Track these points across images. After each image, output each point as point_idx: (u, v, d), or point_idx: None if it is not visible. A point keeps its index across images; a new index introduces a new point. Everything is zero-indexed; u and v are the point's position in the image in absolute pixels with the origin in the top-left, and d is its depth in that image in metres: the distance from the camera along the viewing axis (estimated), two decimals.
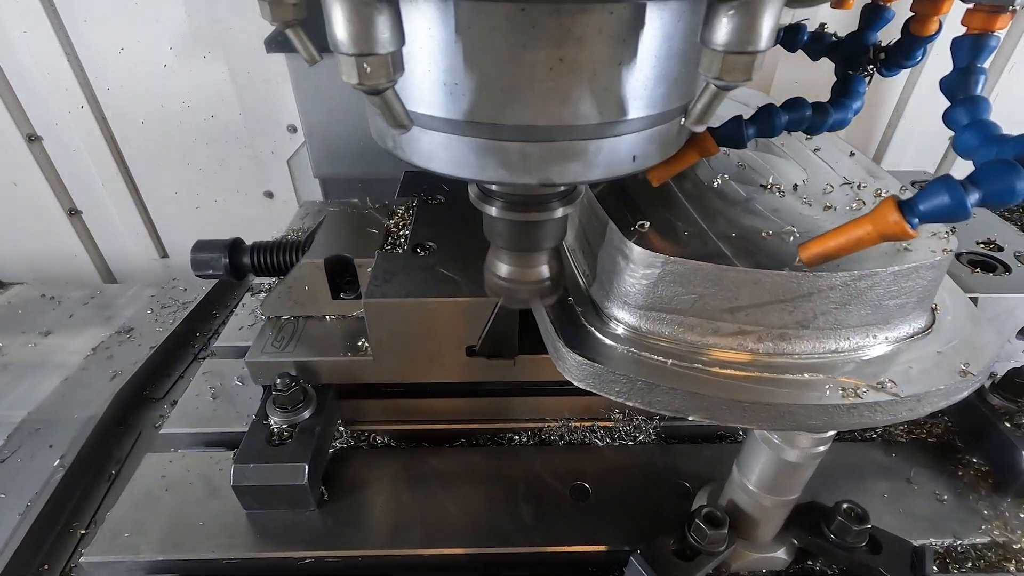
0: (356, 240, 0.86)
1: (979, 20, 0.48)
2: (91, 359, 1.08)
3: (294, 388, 0.76)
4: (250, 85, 1.17)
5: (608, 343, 0.56)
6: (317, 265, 0.82)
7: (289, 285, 0.84)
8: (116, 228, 1.42)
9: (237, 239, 0.89)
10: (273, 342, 0.83)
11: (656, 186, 0.61)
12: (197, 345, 1.15)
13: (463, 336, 0.76)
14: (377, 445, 0.88)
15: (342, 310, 0.87)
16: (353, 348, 0.81)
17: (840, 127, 0.62)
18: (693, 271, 0.52)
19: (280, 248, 0.88)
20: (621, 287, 0.57)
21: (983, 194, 0.39)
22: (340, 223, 0.92)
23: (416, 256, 0.81)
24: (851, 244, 0.46)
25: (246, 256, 0.87)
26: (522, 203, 0.64)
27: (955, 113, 0.48)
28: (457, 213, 0.92)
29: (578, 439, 0.87)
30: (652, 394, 0.51)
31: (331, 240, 0.86)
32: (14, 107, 1.22)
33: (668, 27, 0.41)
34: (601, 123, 0.44)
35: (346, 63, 0.36)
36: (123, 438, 0.95)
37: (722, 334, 0.53)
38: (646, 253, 0.53)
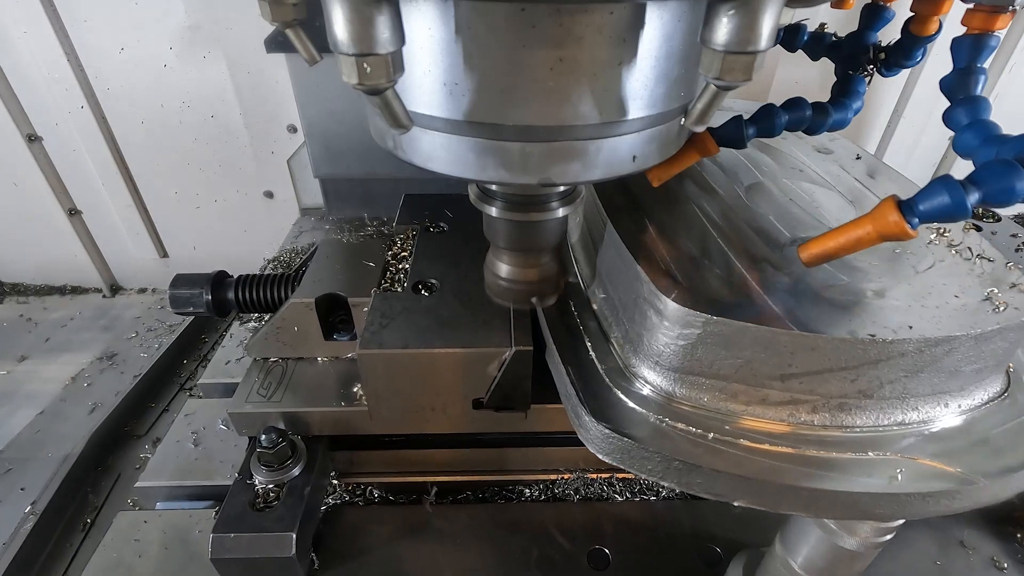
0: (351, 275, 0.79)
1: (979, 20, 0.48)
2: (69, 389, 1.00)
3: (281, 444, 0.69)
4: (250, 85, 1.17)
5: (637, 409, 0.50)
6: (307, 305, 0.75)
7: (277, 326, 0.77)
8: (116, 228, 1.42)
9: (220, 272, 0.82)
10: (259, 389, 0.75)
11: (656, 186, 0.61)
12: (184, 374, 1.07)
13: (469, 388, 0.70)
14: (374, 499, 0.80)
15: (335, 352, 0.80)
16: (347, 395, 0.74)
17: (840, 127, 0.62)
18: (740, 333, 0.45)
19: (268, 283, 0.81)
20: (653, 345, 0.50)
21: (983, 194, 0.39)
22: (334, 254, 0.85)
23: (416, 296, 0.74)
24: (851, 244, 0.45)
25: (230, 291, 0.80)
26: (522, 203, 0.64)
27: (955, 113, 0.48)
28: (461, 244, 0.85)
29: (595, 493, 0.79)
30: (691, 476, 0.45)
31: (323, 274, 0.79)
32: (14, 107, 1.22)
33: (668, 27, 0.41)
34: (601, 123, 0.44)
35: (346, 63, 0.36)
36: (101, 481, 0.87)
37: (771, 403, 0.47)
38: (684, 311, 0.46)
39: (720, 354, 0.46)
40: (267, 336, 0.78)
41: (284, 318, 0.76)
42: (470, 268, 0.78)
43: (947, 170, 1.42)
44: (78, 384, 1.02)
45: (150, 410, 0.99)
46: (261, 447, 0.69)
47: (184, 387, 1.05)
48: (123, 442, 0.94)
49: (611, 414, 0.49)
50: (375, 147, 0.54)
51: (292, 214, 1.33)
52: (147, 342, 1.12)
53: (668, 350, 0.49)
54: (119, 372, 1.04)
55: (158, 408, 0.99)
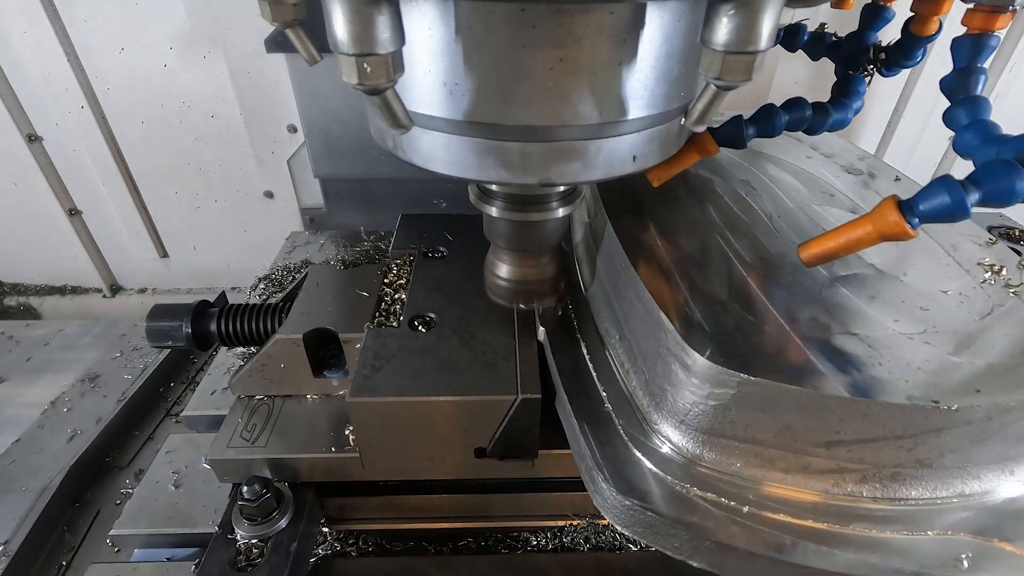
0: (343, 306, 0.73)
1: (979, 20, 0.48)
2: (49, 414, 0.93)
3: (265, 496, 0.63)
4: (250, 85, 1.17)
5: (659, 474, 0.44)
6: (295, 341, 0.69)
7: (262, 363, 0.71)
8: (116, 228, 1.41)
9: (202, 303, 0.75)
10: (242, 431, 0.69)
11: (656, 186, 0.61)
12: (170, 399, 1.00)
13: (470, 437, 0.64)
14: (368, 549, 0.73)
15: (326, 389, 0.74)
16: (339, 439, 0.68)
17: (840, 127, 0.62)
18: (780, 396, 0.40)
19: (253, 314, 0.75)
20: (678, 403, 0.45)
21: (983, 194, 0.39)
22: (325, 281, 0.78)
23: (413, 333, 0.68)
24: (851, 244, 0.45)
25: (213, 323, 0.74)
26: (522, 203, 0.64)
27: (955, 113, 0.48)
28: (461, 272, 0.79)
29: (607, 542, 0.72)
30: (725, 558, 0.40)
31: (313, 305, 0.74)
32: (14, 107, 1.22)
33: (668, 27, 0.41)
34: (601, 123, 0.44)
35: (346, 63, 0.36)
36: (78, 518, 0.80)
37: (814, 471, 0.42)
38: (716, 369, 0.41)
39: (757, 417, 0.41)
40: (252, 373, 0.72)
41: (270, 355, 0.71)
42: (471, 301, 0.73)
43: (947, 170, 1.42)
44: (58, 409, 0.94)
45: (133, 438, 0.92)
46: (243, 499, 0.63)
47: (170, 413, 0.97)
48: (103, 475, 0.86)
49: (629, 476, 0.44)
50: (375, 147, 0.54)
51: (292, 214, 1.33)
52: (132, 362, 1.04)
53: (696, 409, 0.43)
54: (102, 396, 0.97)
55: (142, 436, 0.93)
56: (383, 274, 0.80)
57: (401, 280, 0.79)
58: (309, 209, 1.32)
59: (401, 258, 0.84)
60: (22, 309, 1.51)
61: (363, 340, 0.67)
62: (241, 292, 1.49)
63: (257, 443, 0.68)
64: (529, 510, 0.75)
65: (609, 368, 0.57)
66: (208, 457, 0.68)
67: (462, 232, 0.88)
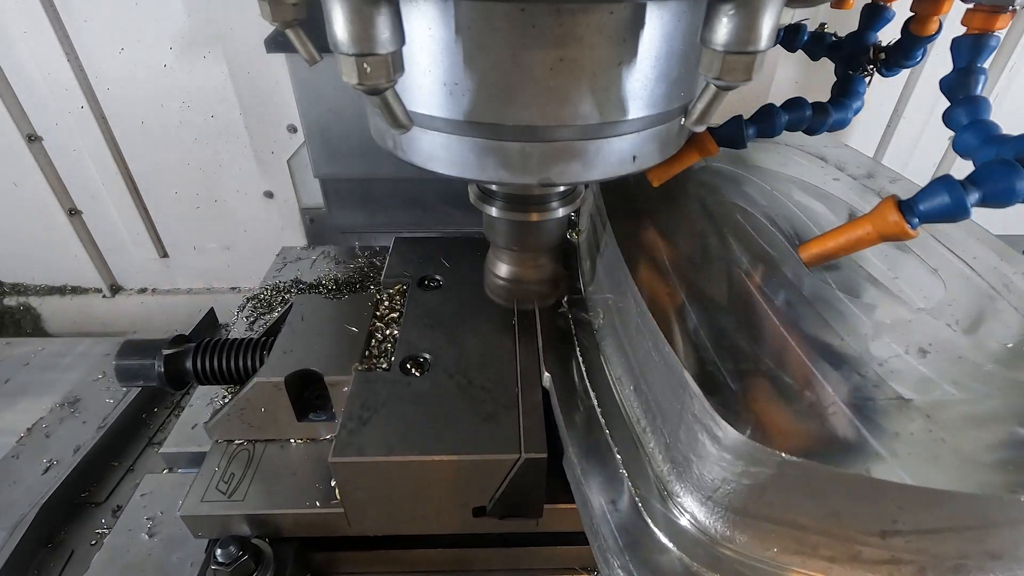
0: (329, 343, 0.68)
1: (979, 20, 0.48)
2: (25, 441, 0.88)
3: (242, 560, 0.58)
4: (250, 85, 1.17)
5: (684, 559, 0.40)
6: (276, 385, 0.64)
7: (241, 407, 0.66)
8: (116, 228, 1.41)
9: (177, 338, 0.70)
10: (219, 482, 0.64)
11: (656, 186, 0.61)
12: (153, 425, 0.94)
13: (468, 495, 0.59)
14: None
15: (311, 433, 0.68)
16: (325, 490, 0.63)
17: (840, 127, 0.62)
18: (829, 480, 0.35)
19: (233, 350, 0.69)
20: (705, 476, 0.40)
21: (983, 194, 0.39)
22: (310, 314, 0.72)
23: (405, 377, 0.63)
24: (851, 244, 0.46)
25: (188, 360, 0.69)
26: (522, 203, 0.64)
27: (955, 113, 0.48)
28: (458, 303, 0.74)
29: None
30: None
31: (296, 343, 0.68)
32: (14, 107, 1.22)
33: (668, 27, 0.41)
34: (601, 123, 0.44)
35: (346, 63, 0.36)
36: (50, 560, 0.74)
37: (864, 561, 0.37)
38: (751, 445, 0.36)
39: (799, 500, 0.36)
40: (230, 417, 0.67)
41: (249, 399, 0.65)
42: (468, 338, 0.67)
43: (947, 170, 1.42)
44: (35, 436, 0.89)
45: (111, 471, 0.86)
46: (217, 563, 0.58)
47: (152, 441, 0.91)
48: (79, 511, 0.80)
49: (648, 559, 0.39)
50: (375, 147, 0.54)
51: (292, 214, 1.33)
52: (115, 384, 0.96)
53: (727, 487, 0.38)
54: (81, 422, 0.91)
55: (121, 468, 0.86)
56: (374, 305, 0.75)
57: (393, 313, 0.74)
58: (309, 209, 1.32)
59: (394, 287, 0.78)
60: (22, 309, 1.51)
61: (350, 384, 0.62)
62: (241, 292, 1.49)
63: (235, 496, 0.62)
64: (532, 563, 0.69)
65: (623, 422, 0.52)
66: (181, 513, 0.62)
67: (459, 257, 0.84)
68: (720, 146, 0.59)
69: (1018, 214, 1.18)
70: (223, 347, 0.70)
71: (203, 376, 0.70)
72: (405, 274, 0.80)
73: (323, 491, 0.63)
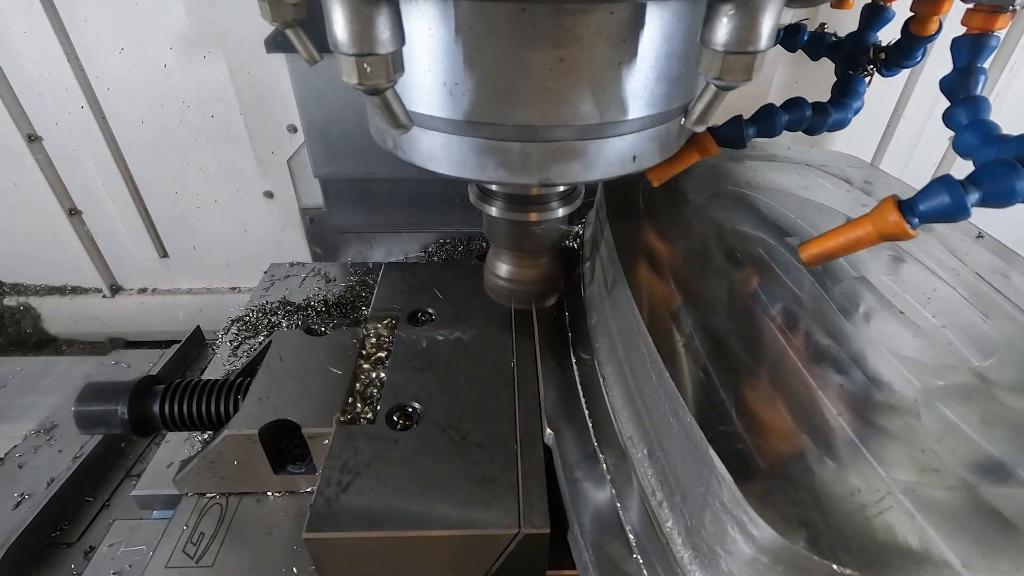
0: (310, 387, 0.63)
1: (979, 20, 0.48)
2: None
3: None
4: (250, 85, 1.17)
5: None
6: (249, 438, 0.59)
7: (211, 460, 0.61)
8: (116, 228, 1.41)
9: (145, 379, 0.64)
10: (187, 544, 0.58)
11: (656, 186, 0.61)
12: (131, 455, 0.89)
13: (460, 570, 0.54)
14: None
15: (290, 485, 0.63)
16: (304, 554, 0.57)
17: (840, 127, 0.62)
18: None
19: (205, 394, 0.64)
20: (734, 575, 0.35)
21: (983, 194, 0.39)
22: (290, 354, 0.67)
23: (392, 432, 0.57)
24: (851, 244, 0.45)
25: (155, 404, 0.63)
26: (522, 203, 0.64)
27: (955, 113, 0.48)
28: (452, 341, 0.68)
29: None
30: None
31: (274, 387, 0.62)
32: (14, 107, 1.22)
33: (668, 27, 0.41)
34: (601, 123, 0.44)
35: (346, 63, 0.36)
36: None
37: None
38: (793, 551, 0.30)
39: None
40: (199, 470, 0.62)
41: (220, 451, 0.60)
42: (462, 383, 0.61)
43: (947, 170, 1.42)
44: (7, 467, 0.83)
45: (86, 507, 0.79)
46: None
47: (131, 473, 0.85)
48: (49, 552, 0.74)
49: None
50: (375, 147, 0.54)
51: (292, 214, 1.33)
52: None
53: None
54: (57, 451, 0.85)
55: (96, 503, 0.80)
56: (360, 342, 0.69)
57: (381, 352, 0.67)
58: (309, 209, 1.32)
59: (382, 321, 0.72)
60: (22, 309, 1.51)
61: (330, 442, 0.56)
62: (240, 293, 1.49)
63: (203, 560, 0.56)
64: None
65: (635, 490, 0.47)
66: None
67: (453, 287, 0.78)
68: (720, 146, 0.59)
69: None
70: (194, 390, 0.64)
71: (172, 422, 0.64)
72: (395, 306, 0.74)
73: (302, 554, 0.57)
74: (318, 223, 1.31)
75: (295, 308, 0.98)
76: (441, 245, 1.33)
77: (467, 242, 1.33)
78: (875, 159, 1.37)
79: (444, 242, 1.33)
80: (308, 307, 0.98)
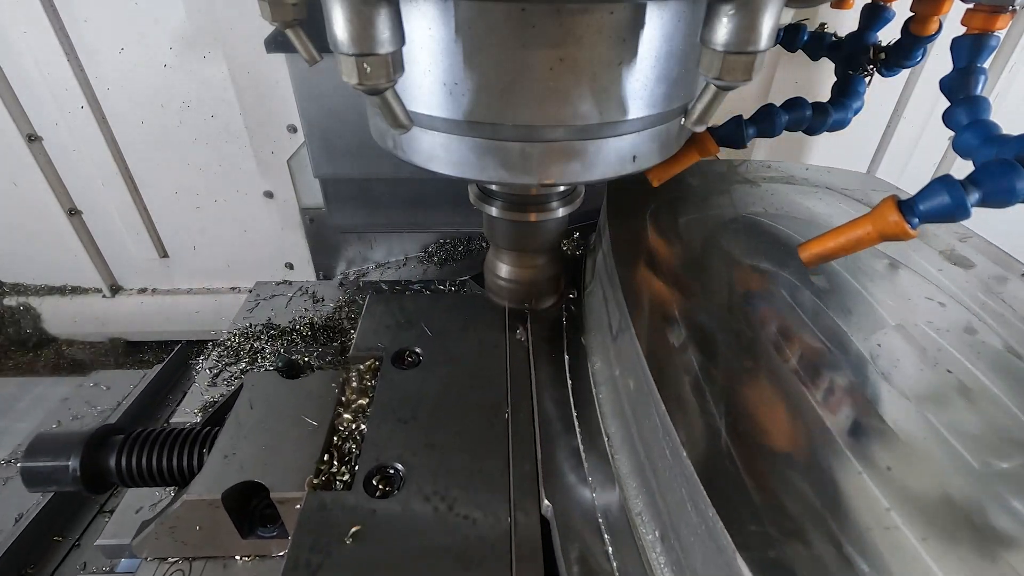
0: (282, 441, 0.56)
1: (979, 20, 0.48)
2: None
3: None
4: (250, 85, 1.17)
5: None
6: (211, 503, 0.54)
7: (171, 525, 0.55)
8: (116, 228, 1.41)
9: (101, 429, 0.59)
10: None
11: (656, 186, 0.61)
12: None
13: None
14: None
15: (260, 549, 0.58)
16: None
17: (840, 127, 0.62)
18: None
19: (166, 446, 0.58)
20: None
21: (983, 194, 0.39)
22: (261, 401, 0.60)
23: (370, 500, 0.51)
24: (851, 244, 0.45)
25: (112, 457, 0.57)
26: (522, 203, 0.64)
27: (955, 113, 0.48)
28: (440, 389, 0.61)
29: None
30: None
31: (241, 442, 0.56)
32: (14, 107, 1.22)
33: (668, 27, 0.41)
34: (601, 123, 0.44)
35: (346, 63, 0.36)
36: None
37: None
38: None
39: None
40: (158, 535, 0.56)
41: (179, 516, 0.54)
42: (451, 438, 0.55)
43: (947, 170, 1.42)
44: None
45: (55, 546, 0.73)
46: None
47: (103, 509, 0.79)
48: None
49: None
50: (375, 147, 0.54)
51: (292, 214, 1.33)
52: None
53: None
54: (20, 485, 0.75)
55: (66, 542, 0.73)
56: (340, 387, 0.62)
57: (362, 399, 0.61)
58: (309, 209, 1.32)
59: (365, 363, 0.66)
60: (22, 309, 1.51)
61: (299, 514, 0.50)
62: (240, 293, 1.49)
63: None
64: None
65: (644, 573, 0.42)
66: None
67: (443, 322, 0.71)
68: (720, 146, 0.59)
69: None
70: (155, 442, 0.58)
71: (129, 478, 0.58)
72: (379, 345, 0.67)
73: None
74: (318, 223, 1.31)
75: (279, 332, 0.93)
76: (441, 245, 1.33)
77: (467, 242, 1.33)
78: (875, 159, 1.37)
79: (444, 242, 1.34)
80: (293, 331, 0.93)
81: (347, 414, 0.60)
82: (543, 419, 0.59)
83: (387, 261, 1.36)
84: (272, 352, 0.86)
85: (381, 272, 1.34)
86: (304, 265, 1.42)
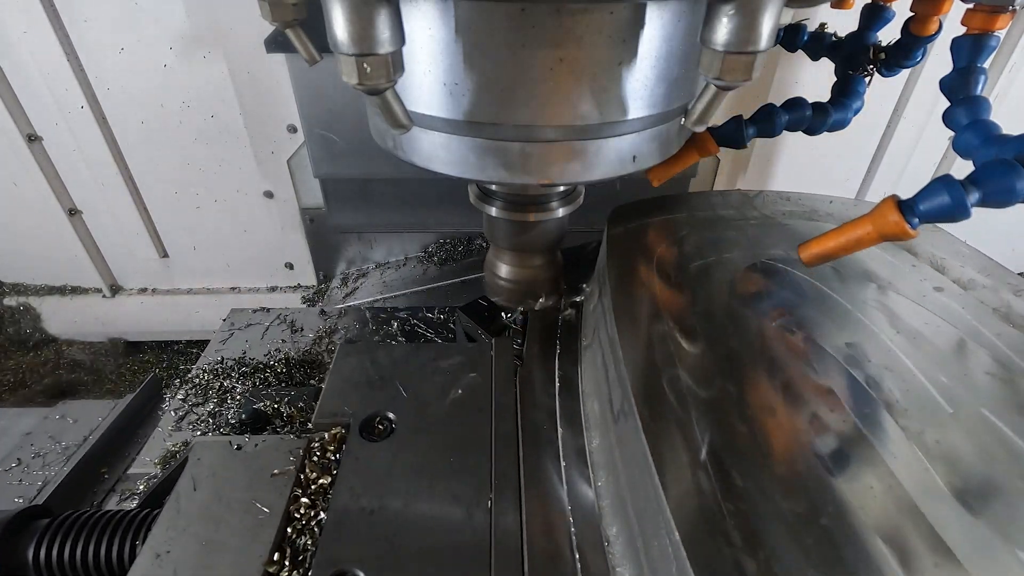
0: (227, 536, 0.48)
1: (979, 20, 0.48)
2: None
3: None
4: (250, 85, 1.17)
5: None
6: None
7: None
8: (116, 228, 1.41)
9: (22, 513, 0.52)
10: None
11: (656, 186, 0.61)
12: None
13: None
14: None
15: None
16: None
17: (840, 127, 0.62)
18: None
19: (95, 534, 0.51)
20: None
21: (983, 194, 0.39)
22: (208, 478, 0.52)
23: None
24: (851, 244, 0.45)
25: (31, 546, 0.51)
26: (521, 203, 0.64)
27: (955, 113, 0.48)
28: (414, 469, 0.53)
29: None
30: None
31: (181, 534, 0.48)
32: (14, 107, 1.22)
33: (668, 27, 0.41)
34: (601, 123, 0.44)
35: (346, 63, 0.36)
36: None
37: None
38: None
39: None
40: None
41: None
42: (424, 535, 0.47)
43: (947, 170, 1.42)
44: None
45: None
46: None
47: None
48: None
49: None
50: (375, 147, 0.54)
51: (292, 214, 1.33)
52: (29, 475, 0.76)
53: None
54: None
55: None
56: (301, 461, 0.54)
57: (324, 478, 0.53)
58: (309, 209, 1.32)
59: (331, 430, 0.57)
60: (22, 309, 1.51)
61: None
62: (240, 293, 1.49)
63: None
64: None
65: None
66: None
67: (421, 379, 0.63)
68: (720, 146, 0.59)
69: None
70: (81, 529, 0.51)
71: (49, 572, 0.51)
72: (346, 409, 0.59)
73: None
74: (318, 223, 1.31)
75: (251, 369, 0.86)
76: (441, 245, 1.34)
77: (467, 242, 1.33)
78: (875, 159, 1.37)
79: (444, 242, 1.34)
80: (266, 368, 0.86)
81: (304, 498, 0.52)
82: (530, 515, 0.49)
83: (387, 261, 1.37)
84: (242, 393, 0.81)
85: (381, 272, 1.34)
86: (304, 265, 1.42)
